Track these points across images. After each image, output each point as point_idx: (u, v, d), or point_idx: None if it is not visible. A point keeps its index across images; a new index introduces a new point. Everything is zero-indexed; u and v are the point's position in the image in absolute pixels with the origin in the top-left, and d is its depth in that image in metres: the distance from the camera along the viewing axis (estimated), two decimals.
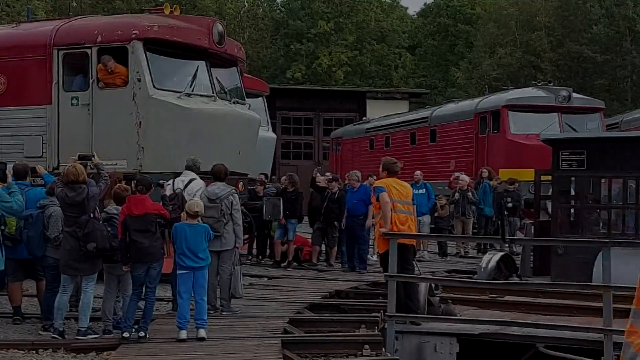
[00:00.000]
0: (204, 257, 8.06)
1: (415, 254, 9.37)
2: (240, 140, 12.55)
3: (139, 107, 11.15)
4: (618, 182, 12.03)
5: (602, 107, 20.47)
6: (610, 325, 7.29)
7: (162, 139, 11.19)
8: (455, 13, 52.16)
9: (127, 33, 11.38)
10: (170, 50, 11.77)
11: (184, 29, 11.79)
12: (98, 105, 11.41)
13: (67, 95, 11.66)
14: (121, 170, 10.83)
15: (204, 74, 12.07)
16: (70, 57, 11.76)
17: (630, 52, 40.74)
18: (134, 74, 11.23)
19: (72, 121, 11.56)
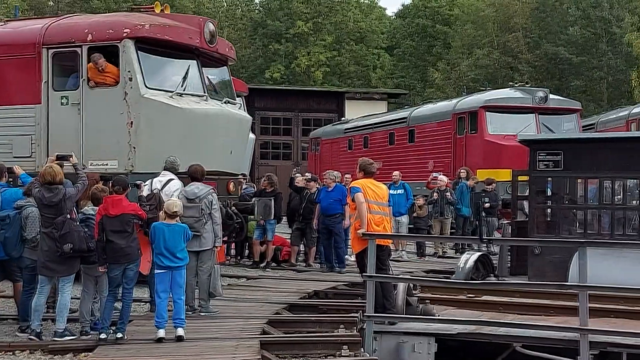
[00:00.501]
0: (181, 257, 8.04)
1: (390, 254, 9.39)
2: (232, 140, 12.44)
3: (130, 107, 10.99)
4: (594, 182, 12.16)
5: (578, 108, 20.68)
6: (586, 325, 7.36)
7: (153, 139, 11.04)
8: (434, 14, 52.42)
9: (118, 32, 11.22)
10: (162, 49, 11.63)
11: (175, 27, 11.66)
12: (88, 105, 11.24)
13: (57, 94, 11.48)
14: (112, 170, 10.72)
15: (195, 73, 11.95)
16: (60, 56, 11.58)
17: (606, 53, 41.20)
18: (125, 73, 11.07)
19: (62, 121, 11.38)
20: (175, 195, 9.22)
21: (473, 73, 43.83)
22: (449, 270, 13.06)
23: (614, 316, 9.19)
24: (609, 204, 11.74)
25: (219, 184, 12.19)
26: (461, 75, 44.46)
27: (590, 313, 7.50)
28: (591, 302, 7.69)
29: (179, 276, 8.00)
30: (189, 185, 9.45)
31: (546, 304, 9.81)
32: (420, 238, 16.52)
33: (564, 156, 11.76)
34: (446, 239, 17.05)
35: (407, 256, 15.83)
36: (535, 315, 9.43)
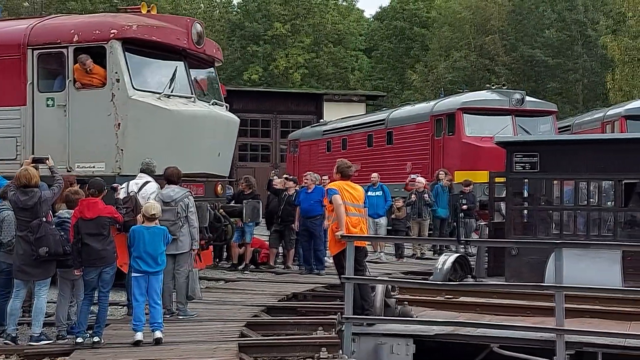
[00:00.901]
0: (161, 262, 7.98)
1: (366, 255, 9.42)
2: (219, 142, 12.35)
3: (117, 108, 10.87)
4: (570, 184, 12.28)
5: (554, 110, 20.88)
6: (562, 325, 7.43)
7: (141, 141, 10.93)
8: (411, 16, 52.61)
9: (105, 32, 11.09)
10: (149, 51, 11.52)
11: (162, 28, 11.55)
12: (75, 107, 11.11)
13: (42, 96, 11.32)
14: (99, 172, 10.59)
15: (182, 75, 11.85)
16: (46, 57, 11.44)
17: (581, 55, 41.63)
18: (112, 75, 10.95)
19: (48, 123, 11.24)
20: (152, 198, 9.17)
21: (450, 75, 44.06)
22: (427, 271, 13.11)
23: (590, 316, 9.28)
24: (584, 206, 11.86)
25: (207, 186, 12.10)
26: (439, 78, 44.67)
27: (566, 313, 7.57)
28: (567, 302, 7.76)
29: (156, 281, 7.94)
30: (165, 188, 9.39)
31: (523, 305, 9.89)
32: (398, 239, 16.58)
33: (540, 158, 11.85)
34: (424, 240, 17.13)
35: (385, 258, 15.88)
36: (513, 316, 9.50)
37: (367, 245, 9.53)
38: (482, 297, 10.40)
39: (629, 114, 20.36)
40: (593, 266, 10.48)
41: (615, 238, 11.41)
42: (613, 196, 12.31)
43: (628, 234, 11.67)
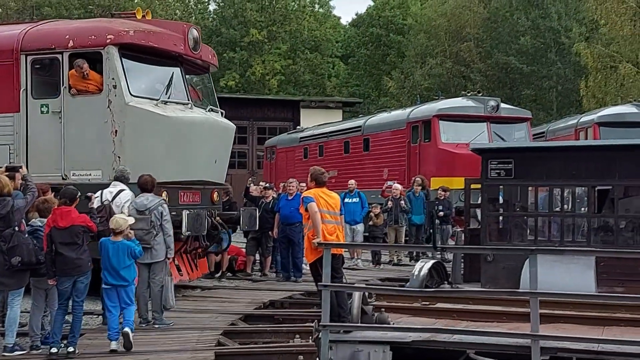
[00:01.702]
0: (125, 275, 7.90)
1: (343, 262, 9.42)
2: (216, 149, 12.23)
3: (114, 115, 10.70)
4: (544, 190, 12.39)
5: (529, 116, 21.07)
6: (537, 331, 7.48)
7: (139, 148, 10.78)
8: (387, 23, 52.86)
9: (101, 38, 10.92)
10: (145, 56, 11.37)
11: (159, 34, 11.39)
12: (70, 113, 10.93)
13: (36, 102, 11.14)
14: (96, 180, 10.46)
15: (179, 81, 11.73)
16: (40, 62, 11.27)
17: (555, 63, 42.08)
18: (109, 81, 10.78)
19: (42, 130, 11.06)
20: (126, 207, 9.10)
21: (427, 82, 44.32)
22: (404, 277, 13.16)
23: (564, 322, 9.36)
24: (558, 212, 11.97)
25: (203, 194, 11.94)
26: (415, 84, 44.91)
27: (541, 319, 7.62)
28: (542, 308, 7.82)
29: (126, 293, 7.91)
30: (139, 196, 9.33)
31: (499, 311, 9.95)
32: (375, 247, 16.61)
33: (514, 164, 11.95)
34: (400, 247, 17.18)
35: (362, 264, 15.91)
36: (489, 321, 9.55)
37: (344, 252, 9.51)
38: (458, 304, 10.45)
39: (602, 121, 20.63)
40: (567, 272, 10.58)
41: (589, 244, 11.53)
42: (587, 202, 12.46)
43: (601, 240, 11.81)
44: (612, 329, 9.09)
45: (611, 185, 11.77)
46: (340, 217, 9.00)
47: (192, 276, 12.06)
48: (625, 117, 20.47)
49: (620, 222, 11.69)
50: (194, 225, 11.01)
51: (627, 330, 8.99)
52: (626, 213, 11.80)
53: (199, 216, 11.17)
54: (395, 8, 53.19)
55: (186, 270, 11.84)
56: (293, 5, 51.65)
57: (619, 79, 32.14)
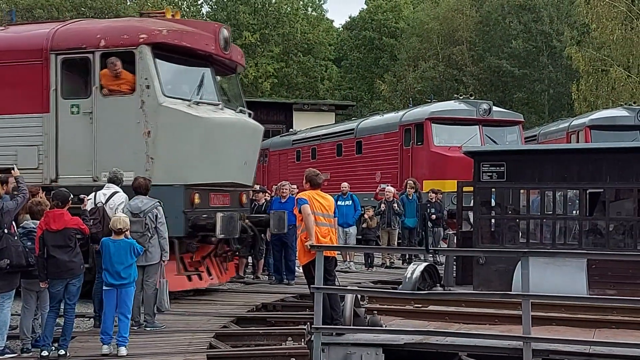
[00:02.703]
0: (125, 275, 7.85)
1: (336, 265, 9.42)
2: (246, 151, 12.03)
3: (147, 116, 10.49)
4: (536, 193, 12.43)
5: (520, 120, 21.14)
6: (529, 333, 7.51)
7: (171, 149, 10.57)
8: (380, 27, 52.97)
9: (134, 37, 10.71)
10: (177, 56, 11.16)
11: (191, 33, 11.20)
12: (101, 114, 10.71)
13: (67, 102, 10.92)
14: (128, 182, 10.13)
15: (209, 81, 11.55)
16: (70, 62, 11.03)
17: (547, 66, 42.25)
18: (141, 81, 10.56)
19: (72, 130, 10.85)
20: (120, 209, 9.08)
21: (419, 85, 44.43)
22: (397, 280, 13.16)
23: (556, 324, 9.40)
24: (550, 214, 12.01)
25: (232, 196, 11.81)
26: (407, 87, 45.03)
27: (533, 321, 7.65)
28: (534, 310, 7.85)
29: (126, 294, 7.85)
30: (133, 199, 9.30)
31: (491, 313, 9.97)
32: (367, 249, 16.62)
33: (506, 167, 11.99)
34: (393, 249, 17.19)
35: (355, 267, 15.91)
36: (481, 324, 9.57)
37: (336, 255, 9.51)
38: (450, 306, 10.47)
39: (593, 124, 20.72)
40: (559, 274, 10.62)
41: (580, 246, 11.57)
42: (578, 205, 12.50)
43: (593, 242, 11.85)
44: (604, 331, 9.12)
45: (602, 188, 11.82)
46: (335, 219, 9.00)
47: (221, 279, 11.96)
48: (617, 121, 20.58)
49: (611, 225, 11.74)
50: (227, 228, 10.87)
51: (618, 333, 9.03)
52: (617, 216, 11.85)
53: (232, 219, 11.02)
54: (387, 11, 53.31)
55: (216, 273, 11.75)
56: (286, 8, 51.70)
57: (610, 82, 32.31)
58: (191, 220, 10.79)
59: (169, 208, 10.22)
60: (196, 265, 11.46)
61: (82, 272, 7.83)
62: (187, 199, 10.77)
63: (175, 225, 10.49)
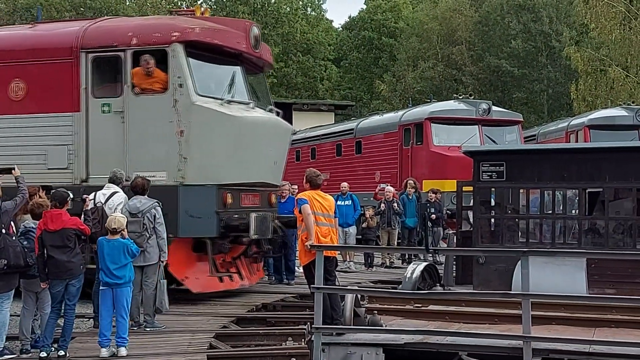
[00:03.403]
0: (120, 274, 7.78)
1: (336, 265, 9.42)
2: (276, 150, 11.91)
3: (180, 115, 10.37)
4: (535, 192, 12.43)
5: (520, 119, 21.16)
6: (529, 332, 7.51)
7: (205, 149, 10.46)
8: (379, 27, 52.98)
9: (166, 35, 10.59)
10: (208, 54, 11.04)
11: (223, 31, 11.09)
12: (133, 113, 10.59)
13: (97, 101, 10.81)
14: (161, 182, 10.23)
15: (240, 80, 11.44)
16: (101, 60, 10.91)
17: (546, 66, 42.27)
18: (174, 79, 10.44)
19: (103, 130, 10.73)
20: (119, 209, 9.07)
21: (419, 85, 44.44)
22: (397, 280, 13.16)
23: (556, 323, 9.40)
24: (550, 214, 12.01)
25: (262, 196, 11.71)
26: (407, 87, 45.03)
27: (533, 320, 7.65)
28: (534, 309, 7.85)
29: (122, 294, 7.80)
30: (132, 199, 9.29)
31: (491, 313, 9.97)
32: (367, 249, 16.62)
33: (506, 167, 11.99)
34: (393, 249, 17.18)
35: (355, 267, 15.91)
36: (481, 323, 9.57)
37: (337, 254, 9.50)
38: (450, 306, 10.47)
39: (592, 124, 20.74)
40: (559, 273, 10.62)
41: (579, 245, 11.58)
42: (577, 204, 12.50)
43: (592, 242, 11.86)
44: (603, 330, 9.13)
45: (601, 187, 11.82)
46: (335, 219, 9.00)
47: (251, 281, 11.90)
48: (615, 120, 20.60)
49: (610, 224, 11.74)
50: (261, 229, 10.83)
51: (618, 332, 9.03)
52: (616, 215, 11.86)
53: (266, 219, 10.97)
54: (387, 11, 53.32)
55: (246, 274, 11.70)
56: (285, 8, 51.68)
57: (609, 82, 32.33)
58: (224, 220, 10.69)
59: (202, 208, 10.17)
60: (227, 266, 11.38)
61: (81, 273, 7.82)
62: (220, 199, 10.66)
63: (208, 225, 10.45)
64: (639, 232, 11.47)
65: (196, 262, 10.91)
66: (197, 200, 10.06)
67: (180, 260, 10.63)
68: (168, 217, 10.08)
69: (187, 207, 10.35)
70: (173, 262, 10.28)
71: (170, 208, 10.04)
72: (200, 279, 10.82)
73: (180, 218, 10.37)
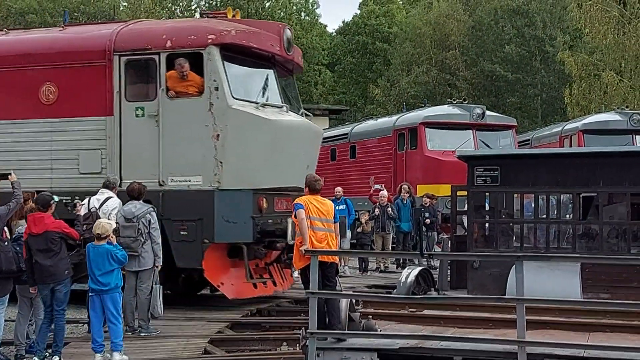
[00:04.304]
0: (105, 281, 7.70)
1: (337, 271, 9.38)
2: (308, 154, 11.83)
3: (216, 119, 10.27)
4: (530, 197, 12.45)
5: (514, 124, 21.21)
6: (524, 337, 7.51)
7: (241, 153, 10.37)
8: (373, 31, 53.07)
9: (201, 38, 10.48)
10: (242, 57, 10.94)
11: (258, 34, 10.99)
12: (168, 116, 10.49)
13: (131, 105, 10.71)
14: (196, 187, 10.15)
15: (273, 83, 11.35)
16: (134, 63, 10.81)
17: (539, 71, 42.39)
18: (210, 82, 10.35)
19: (137, 134, 10.64)
20: (113, 214, 9.06)
21: (413, 90, 44.50)
22: (391, 285, 13.16)
23: (550, 328, 9.40)
24: (544, 218, 12.04)
25: (293, 201, 11.70)
26: (401, 92, 45.07)
27: (527, 325, 7.66)
28: (528, 314, 7.86)
29: (109, 300, 7.73)
30: (127, 204, 9.28)
31: (486, 317, 9.97)
32: (362, 253, 16.62)
33: (500, 172, 12.01)
34: (387, 254, 17.20)
35: (349, 271, 15.90)
36: (476, 328, 9.57)
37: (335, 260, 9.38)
38: (445, 310, 10.47)
39: (586, 128, 20.81)
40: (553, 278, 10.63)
41: (574, 250, 11.60)
42: (572, 209, 12.53)
43: (586, 246, 11.89)
44: (598, 334, 9.13)
45: (596, 192, 11.85)
46: (335, 224, 8.91)
47: (284, 287, 11.85)
48: (609, 125, 20.67)
49: (605, 229, 11.78)
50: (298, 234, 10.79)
51: (612, 336, 9.04)
52: (611, 220, 11.89)
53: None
54: (380, 16, 53.41)
55: (279, 280, 11.65)
56: (279, 13, 51.72)
57: (602, 86, 32.45)
58: (259, 225, 10.62)
59: (238, 213, 10.06)
60: (260, 272, 11.30)
61: (66, 278, 7.73)
62: (256, 204, 10.59)
63: (244, 231, 10.38)
64: (633, 236, 11.51)
65: (230, 268, 10.78)
66: (233, 205, 9.92)
67: (216, 266, 10.52)
68: (204, 222, 10.10)
69: (223, 212, 10.22)
70: (209, 268, 10.22)
71: (205, 213, 10.02)
72: (235, 285, 10.70)
73: (217, 223, 10.24)
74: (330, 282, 8.74)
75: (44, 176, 10.57)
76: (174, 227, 10.34)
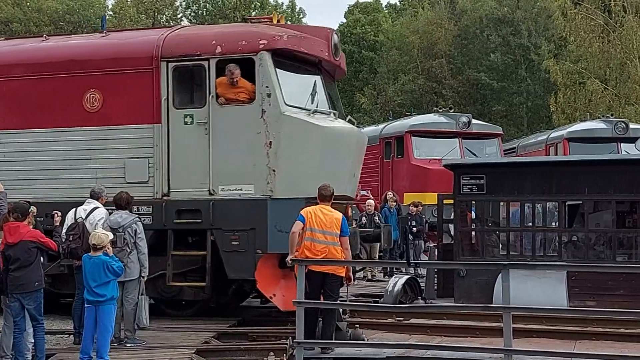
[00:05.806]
0: (100, 292, 7.65)
1: (342, 284, 9.06)
2: (356, 162, 11.58)
3: (269, 126, 9.97)
4: (516, 205, 12.51)
5: (499, 132, 21.32)
6: (510, 345, 7.52)
7: (294, 161, 10.08)
8: (359, 40, 53.21)
9: (253, 43, 10.20)
10: (291, 63, 10.67)
11: (308, 39, 10.72)
12: (218, 124, 10.17)
13: (179, 112, 10.39)
14: (247, 196, 9.92)
15: (321, 89, 11.10)
16: (182, 70, 10.53)
17: (525, 79, 42.65)
18: (262, 89, 10.06)
19: (186, 142, 10.32)
20: (100, 224, 9.00)
21: (399, 98, 44.64)
22: (378, 293, 13.16)
23: (537, 336, 9.44)
24: (530, 226, 12.10)
25: (340, 210, 11.33)
26: (387, 100, 45.20)
27: (514, 333, 7.67)
28: (515, 322, 7.88)
29: (103, 312, 7.67)
30: (113, 214, 9.21)
31: (472, 326, 10.00)
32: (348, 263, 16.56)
33: (486, 180, 12.07)
34: (374, 263, 17.17)
35: None
36: (463, 336, 9.60)
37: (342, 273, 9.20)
38: (432, 319, 10.49)
39: (571, 137, 20.92)
40: (539, 286, 10.69)
41: (560, 258, 11.67)
42: (557, 217, 12.60)
43: (572, 254, 11.96)
44: (584, 342, 9.18)
45: (581, 200, 11.93)
46: (343, 238, 8.65)
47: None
48: (594, 133, 20.80)
49: (590, 237, 11.85)
50: (351, 244, 10.58)
51: (598, 344, 9.09)
52: (596, 227, 11.96)
53: (355, 234, 10.56)
54: (366, 25, 53.56)
55: None
56: None
57: (588, 94, 32.70)
58: None
59: (290, 223, 9.90)
60: None
61: (35, 290, 7.61)
62: None
63: None
64: (618, 244, 11.59)
65: (281, 279, 10.50)
66: (286, 215, 9.56)
67: (269, 276, 10.27)
68: (256, 232, 9.88)
69: (276, 221, 9.95)
70: (261, 279, 10.03)
71: (258, 223, 9.84)
72: (287, 296, 10.31)
73: (270, 233, 10.00)
74: (333, 294, 8.68)
75: (88, 185, 10.06)
76: (225, 237, 10.10)
